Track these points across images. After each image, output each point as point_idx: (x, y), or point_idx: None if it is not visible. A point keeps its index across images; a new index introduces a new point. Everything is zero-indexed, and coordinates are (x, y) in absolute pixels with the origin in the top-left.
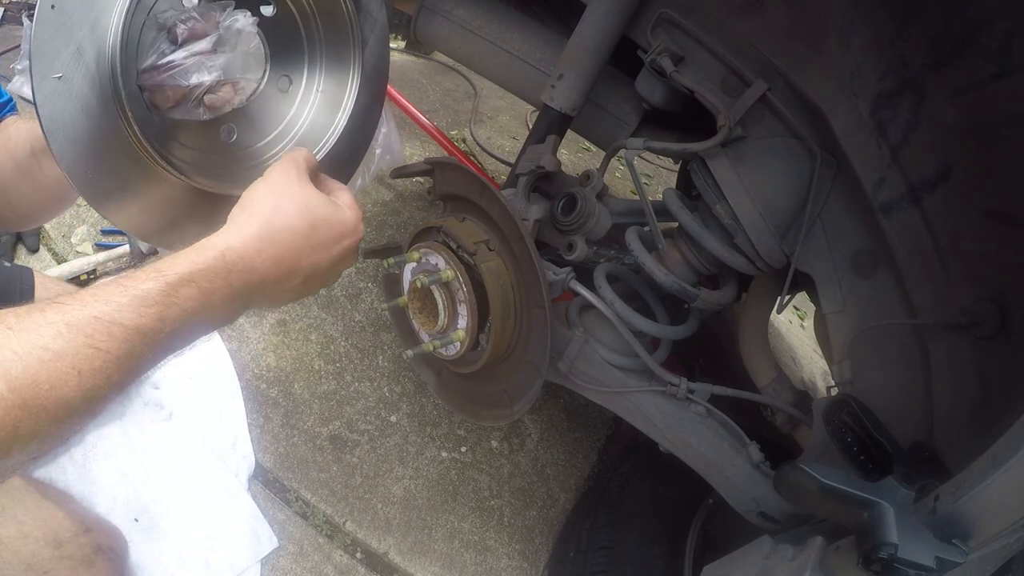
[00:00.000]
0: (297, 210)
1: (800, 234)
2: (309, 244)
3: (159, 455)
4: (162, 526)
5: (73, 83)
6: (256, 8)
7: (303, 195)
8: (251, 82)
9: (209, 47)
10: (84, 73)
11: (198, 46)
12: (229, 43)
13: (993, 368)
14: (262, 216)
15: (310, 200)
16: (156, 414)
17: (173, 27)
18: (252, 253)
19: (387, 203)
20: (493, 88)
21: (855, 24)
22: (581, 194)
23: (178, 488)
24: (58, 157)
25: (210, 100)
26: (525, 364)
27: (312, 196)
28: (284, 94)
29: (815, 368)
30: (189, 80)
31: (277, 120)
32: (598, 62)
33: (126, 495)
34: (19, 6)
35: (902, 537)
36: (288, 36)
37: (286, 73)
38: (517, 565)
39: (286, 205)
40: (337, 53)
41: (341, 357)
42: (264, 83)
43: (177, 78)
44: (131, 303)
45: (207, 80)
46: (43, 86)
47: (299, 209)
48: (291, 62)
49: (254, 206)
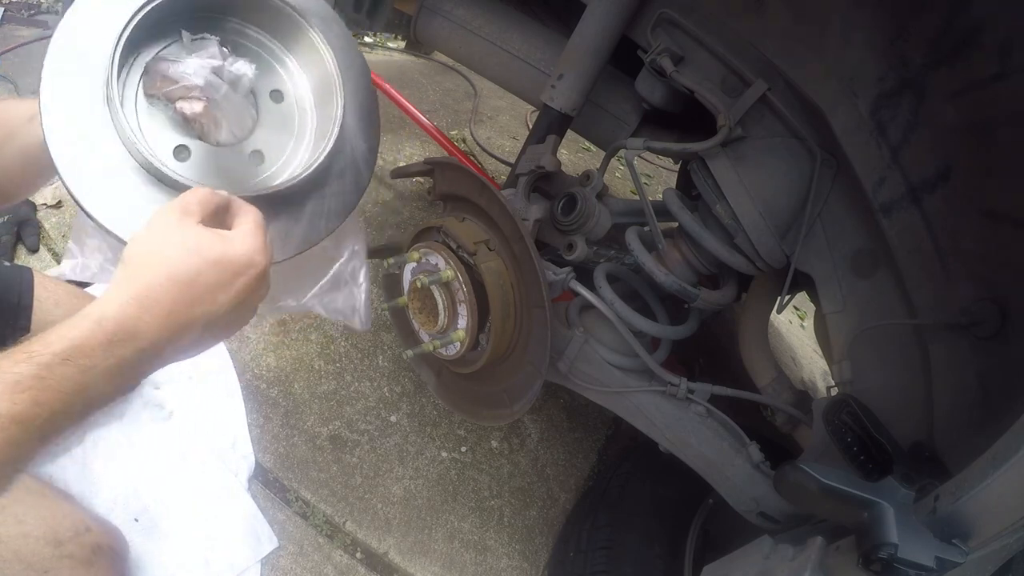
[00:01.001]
0: (180, 257)
1: (800, 234)
2: (198, 293)
3: (159, 455)
4: (162, 526)
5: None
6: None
7: (186, 239)
8: (227, 117)
9: (216, 62)
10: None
11: (205, 58)
12: (227, 77)
13: (993, 368)
14: (140, 274)
15: (194, 243)
16: (156, 414)
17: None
18: (132, 319)
19: (387, 203)
20: (493, 88)
21: (855, 24)
22: (581, 194)
23: (178, 488)
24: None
25: (180, 105)
26: (525, 364)
27: (197, 237)
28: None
29: (815, 368)
30: (180, 78)
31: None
32: (598, 62)
33: (126, 495)
34: (19, 6)
35: (902, 537)
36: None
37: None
38: (517, 565)
39: (168, 252)
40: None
41: (341, 357)
42: (246, 134)
43: (172, 70)
44: (3, 390)
45: (191, 83)
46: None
47: (182, 255)
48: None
49: (132, 261)
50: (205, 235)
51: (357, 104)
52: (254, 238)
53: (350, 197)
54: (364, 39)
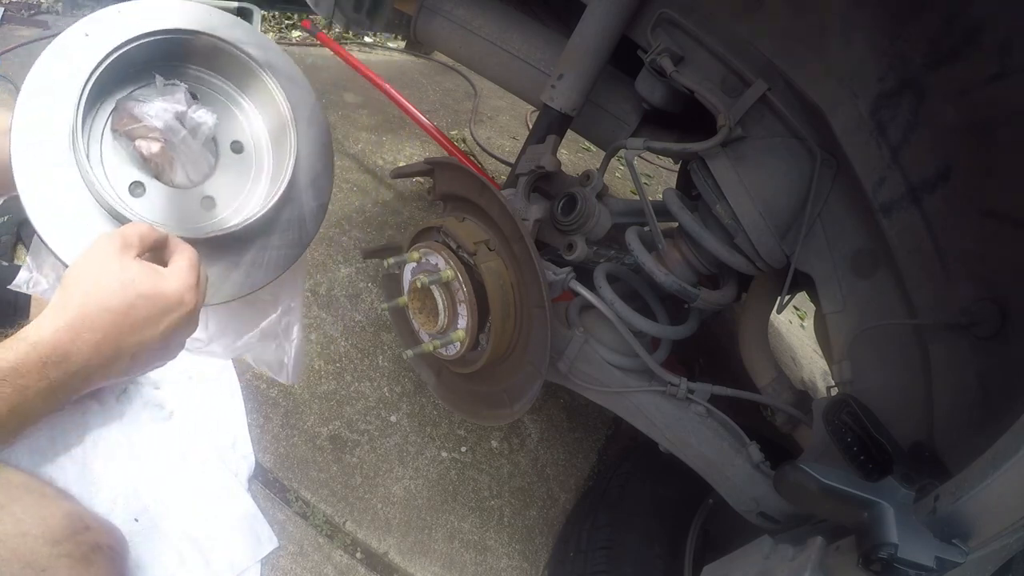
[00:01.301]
0: (114, 288)
1: (800, 234)
2: (129, 324)
3: (159, 455)
4: (162, 526)
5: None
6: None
7: (122, 271)
8: (183, 161)
9: (181, 107)
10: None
11: (171, 103)
12: (188, 124)
13: (993, 368)
14: (76, 301)
15: (129, 276)
16: (156, 414)
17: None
18: (66, 343)
19: (387, 203)
20: (493, 88)
21: (855, 24)
22: (581, 194)
23: (178, 488)
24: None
25: (139, 143)
26: (525, 364)
27: (132, 271)
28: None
29: (815, 368)
30: (143, 118)
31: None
32: (598, 62)
33: (126, 495)
34: (19, 6)
35: (902, 537)
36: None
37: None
38: (517, 565)
39: (104, 282)
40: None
41: (341, 357)
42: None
43: (137, 109)
44: None
45: (151, 125)
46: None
47: (117, 286)
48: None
49: (68, 289)
50: (140, 269)
51: (311, 162)
52: (187, 277)
53: (292, 251)
54: (364, 39)
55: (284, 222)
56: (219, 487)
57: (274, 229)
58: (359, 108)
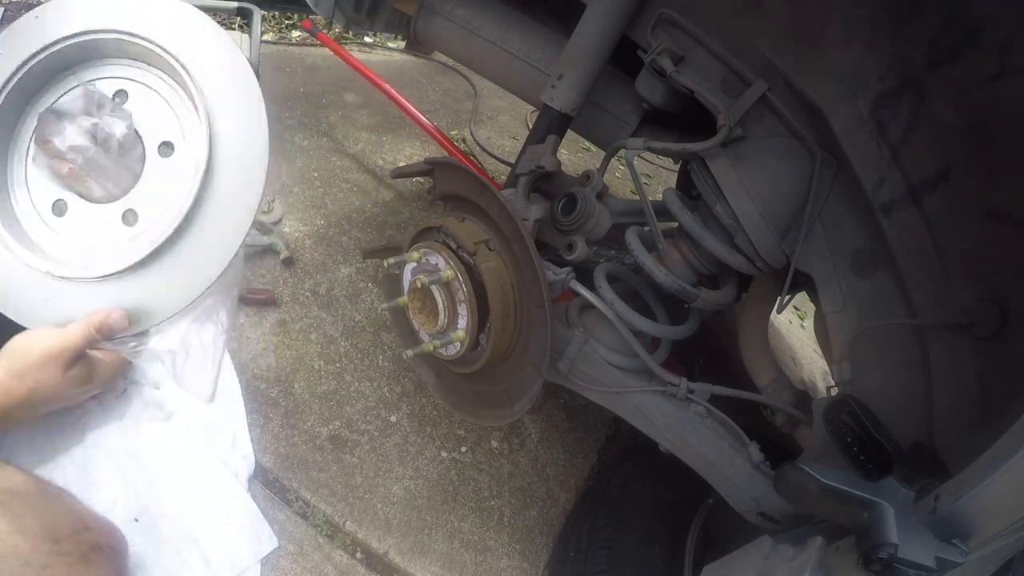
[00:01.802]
0: (37, 378)
1: (800, 234)
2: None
3: (159, 455)
4: (162, 526)
5: None
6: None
7: (42, 374)
8: (98, 178)
9: (94, 119)
10: None
11: (83, 115)
12: (99, 136)
13: (993, 368)
14: (12, 364)
15: (45, 376)
16: (156, 414)
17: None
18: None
19: (387, 203)
20: (493, 88)
21: (855, 24)
22: (581, 194)
23: (178, 488)
24: None
25: (51, 164)
26: (525, 364)
27: (49, 374)
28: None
29: (815, 368)
30: (53, 138)
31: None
32: (598, 62)
33: (126, 495)
34: (19, 6)
35: (902, 537)
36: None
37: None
38: (517, 565)
39: (34, 375)
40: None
41: (341, 357)
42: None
43: (49, 128)
44: None
45: (57, 148)
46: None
47: (40, 378)
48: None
49: (7, 354)
50: (53, 375)
51: (241, 163)
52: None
53: (200, 276)
54: (364, 39)
55: (196, 238)
56: (219, 487)
57: (188, 246)
58: (359, 108)
